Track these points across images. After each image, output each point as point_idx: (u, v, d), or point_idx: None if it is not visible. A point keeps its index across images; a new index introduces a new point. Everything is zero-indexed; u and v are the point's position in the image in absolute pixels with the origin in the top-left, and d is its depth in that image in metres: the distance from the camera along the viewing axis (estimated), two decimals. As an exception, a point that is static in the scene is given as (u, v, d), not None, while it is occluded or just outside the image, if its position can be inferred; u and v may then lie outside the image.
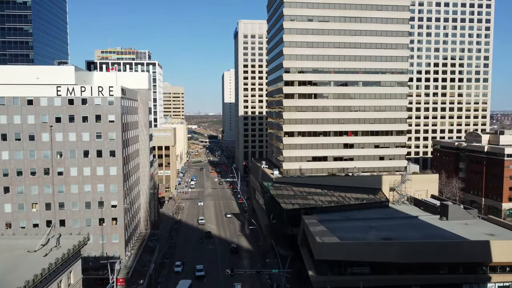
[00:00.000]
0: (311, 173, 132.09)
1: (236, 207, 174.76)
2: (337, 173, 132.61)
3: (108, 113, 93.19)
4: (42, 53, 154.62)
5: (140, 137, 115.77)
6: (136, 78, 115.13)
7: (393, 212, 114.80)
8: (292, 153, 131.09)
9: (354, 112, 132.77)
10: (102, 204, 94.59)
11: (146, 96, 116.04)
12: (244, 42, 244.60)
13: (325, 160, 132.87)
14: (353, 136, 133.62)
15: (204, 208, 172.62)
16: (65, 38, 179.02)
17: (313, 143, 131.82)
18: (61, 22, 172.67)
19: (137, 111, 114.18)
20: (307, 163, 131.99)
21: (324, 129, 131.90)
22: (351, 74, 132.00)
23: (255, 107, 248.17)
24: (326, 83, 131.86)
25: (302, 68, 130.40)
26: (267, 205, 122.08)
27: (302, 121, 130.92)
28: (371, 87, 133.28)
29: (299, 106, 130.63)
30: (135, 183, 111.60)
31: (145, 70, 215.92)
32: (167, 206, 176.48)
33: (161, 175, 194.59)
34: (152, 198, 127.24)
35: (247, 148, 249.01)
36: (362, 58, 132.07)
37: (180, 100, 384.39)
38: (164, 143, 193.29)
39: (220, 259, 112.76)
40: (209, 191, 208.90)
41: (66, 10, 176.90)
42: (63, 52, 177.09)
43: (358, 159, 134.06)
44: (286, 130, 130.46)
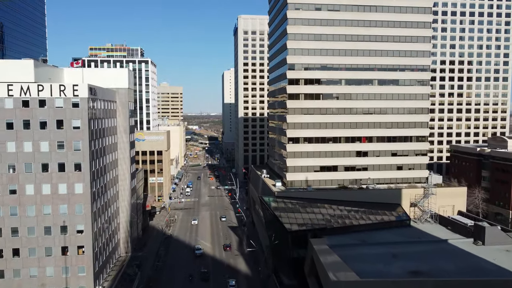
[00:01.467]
0: (318, 185, 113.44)
1: (234, 219, 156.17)
2: (348, 185, 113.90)
3: (72, 118, 74.72)
4: (13, 47, 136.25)
5: (119, 145, 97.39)
6: (113, 75, 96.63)
7: (416, 234, 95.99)
8: (297, 162, 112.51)
9: (368, 115, 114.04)
10: (66, 229, 76.16)
11: (126, 96, 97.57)
12: (244, 38, 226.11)
13: (335, 170, 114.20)
14: (367, 142, 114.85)
15: (199, 224, 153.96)
16: (43, 32, 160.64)
17: (321, 151, 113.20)
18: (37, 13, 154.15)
19: (115, 114, 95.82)
20: (314, 174, 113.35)
21: (334, 134, 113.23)
22: (364, 72, 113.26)
23: (256, 108, 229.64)
24: (336, 82, 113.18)
25: (308, 64, 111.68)
26: (268, 224, 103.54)
27: (309, 125, 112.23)
28: (388, 86, 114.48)
29: (305, 108, 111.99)
30: (112, 199, 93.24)
31: (136, 68, 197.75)
32: (159, 217, 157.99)
33: (153, 182, 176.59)
34: (136, 215, 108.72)
35: (247, 151, 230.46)
36: (377, 53, 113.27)
37: (179, 101, 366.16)
38: (157, 147, 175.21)
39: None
40: (205, 199, 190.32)
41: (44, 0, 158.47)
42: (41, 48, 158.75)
43: (372, 169, 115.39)
44: (290, 135, 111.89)
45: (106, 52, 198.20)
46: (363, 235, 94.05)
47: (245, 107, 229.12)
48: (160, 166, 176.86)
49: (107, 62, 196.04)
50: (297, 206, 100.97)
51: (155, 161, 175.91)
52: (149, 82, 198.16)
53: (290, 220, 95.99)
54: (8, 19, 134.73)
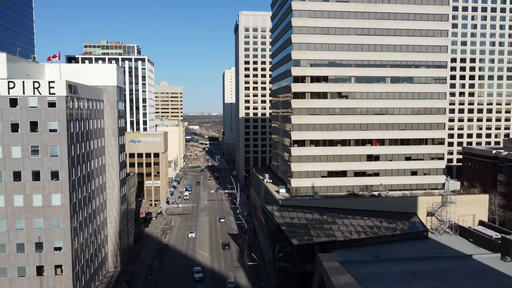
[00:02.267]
0: (326, 192, 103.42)
1: (234, 225, 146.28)
2: (359, 192, 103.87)
3: (48, 119, 64.83)
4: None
5: (107, 148, 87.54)
6: (99, 71, 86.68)
7: (436, 247, 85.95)
8: (302, 167, 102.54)
9: (380, 116, 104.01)
10: (41, 246, 66.31)
11: (115, 95, 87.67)
12: (245, 36, 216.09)
13: (343, 175, 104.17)
14: (378, 145, 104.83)
15: (197, 231, 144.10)
16: (31, 26, 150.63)
17: (329, 155, 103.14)
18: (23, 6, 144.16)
19: (102, 115, 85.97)
20: (321, 180, 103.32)
21: (343, 136, 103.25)
22: (376, 69, 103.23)
23: (257, 108, 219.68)
24: (345, 79, 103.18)
25: (315, 60, 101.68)
26: (271, 235, 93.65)
27: (315, 126, 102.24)
28: (402, 84, 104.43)
29: (311, 108, 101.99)
30: (98, 209, 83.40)
31: (132, 66, 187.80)
32: (155, 224, 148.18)
33: (149, 186, 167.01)
34: (127, 225, 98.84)
35: (248, 153, 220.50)
36: (390, 48, 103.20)
37: (179, 100, 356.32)
38: (153, 149, 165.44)
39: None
40: (205, 203, 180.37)
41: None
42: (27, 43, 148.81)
43: (384, 175, 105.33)
44: (295, 138, 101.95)
45: (101, 50, 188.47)
46: (376, 249, 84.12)
47: (246, 107, 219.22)
48: (157, 169, 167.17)
49: (102, 60, 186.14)
50: (304, 216, 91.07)
51: (152, 163, 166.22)
52: (146, 80, 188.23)
53: (296, 232, 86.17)
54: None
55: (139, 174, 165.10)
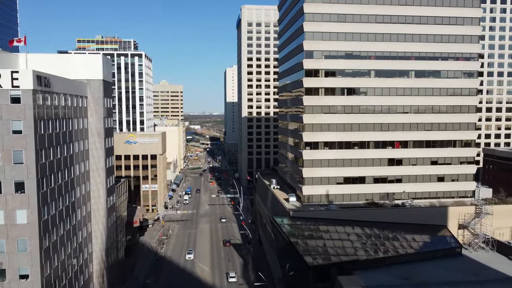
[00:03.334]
0: (342, 201, 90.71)
1: (237, 234, 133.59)
2: (379, 200, 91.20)
3: (11, 118, 52.15)
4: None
5: (92, 152, 74.89)
6: (82, 63, 73.97)
7: (473, 267, 73.17)
8: (315, 173, 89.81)
9: (403, 115, 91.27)
10: (4, 274, 53.73)
11: (101, 90, 74.98)
12: (248, 31, 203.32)
13: (362, 182, 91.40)
14: (401, 148, 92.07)
15: (197, 241, 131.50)
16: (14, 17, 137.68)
17: (345, 159, 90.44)
18: None
19: (85, 113, 73.33)
20: (336, 187, 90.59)
21: (361, 138, 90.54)
22: (399, 61, 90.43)
23: (261, 107, 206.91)
24: (363, 73, 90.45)
25: (330, 51, 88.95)
26: (281, 252, 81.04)
27: (330, 127, 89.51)
28: (427, 79, 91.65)
29: (325, 106, 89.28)
30: (80, 223, 70.77)
31: (129, 62, 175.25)
32: (151, 232, 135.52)
33: (146, 190, 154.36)
34: (116, 238, 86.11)
35: (251, 154, 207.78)
36: (414, 37, 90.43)
37: (179, 99, 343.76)
38: (150, 151, 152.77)
39: None
40: (205, 208, 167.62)
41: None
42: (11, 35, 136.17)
43: (408, 181, 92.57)
44: (307, 139, 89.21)
45: (96, 45, 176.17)
46: (404, 269, 71.31)
47: (249, 106, 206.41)
48: (154, 171, 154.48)
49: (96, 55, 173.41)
50: (318, 230, 78.28)
51: (149, 166, 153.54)
52: (143, 77, 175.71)
53: (310, 249, 73.44)
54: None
55: (135, 178, 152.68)
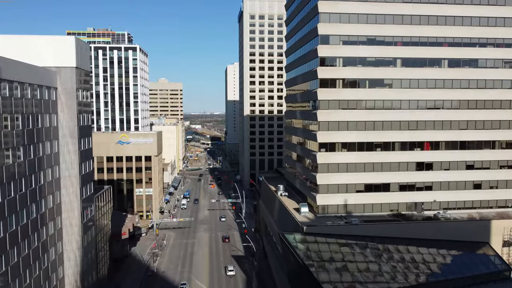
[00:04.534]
0: (362, 212, 76.66)
1: (239, 244, 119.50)
2: (406, 211, 77.22)
3: None
4: None
5: (62, 156, 60.93)
6: (50, 47, 59.95)
7: (530, 298, 59.41)
8: (331, 179, 75.73)
9: (434, 111, 77.18)
10: None
11: (74, 80, 60.99)
12: (250, 24, 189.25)
13: (386, 189, 77.28)
14: (431, 150, 78.04)
15: (195, 252, 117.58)
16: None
17: (367, 162, 76.32)
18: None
19: (54, 108, 59.44)
20: (356, 196, 76.50)
21: (385, 138, 76.45)
22: (429, 48, 76.33)
23: (264, 105, 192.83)
24: (388, 62, 76.41)
25: (349, 36, 74.89)
26: (293, 275, 67.04)
27: (349, 125, 75.47)
28: (463, 69, 77.53)
29: (343, 101, 75.25)
30: (46, 244, 56.73)
31: (122, 56, 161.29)
32: (145, 241, 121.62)
33: (140, 194, 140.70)
34: (95, 258, 71.98)
35: (254, 155, 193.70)
36: (448, 20, 76.25)
37: (179, 98, 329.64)
38: (144, 152, 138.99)
39: None
40: (204, 214, 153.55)
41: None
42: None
43: (439, 188, 78.45)
44: (323, 140, 75.16)
45: (87, 38, 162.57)
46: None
47: (252, 104, 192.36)
48: (149, 174, 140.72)
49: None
50: (339, 250, 64.23)
51: (143, 168, 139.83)
52: (137, 73, 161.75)
53: (330, 274, 59.40)
54: None
55: (128, 181, 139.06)
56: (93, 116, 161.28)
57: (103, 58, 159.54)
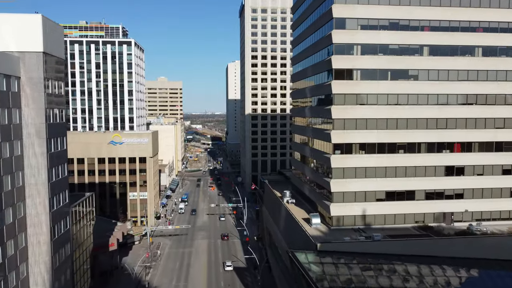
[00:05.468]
0: (383, 223, 65.69)
1: (240, 253, 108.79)
2: (433, 223, 66.26)
3: None
4: None
5: (27, 160, 50.09)
6: (10, 28, 49.09)
7: None
8: (348, 186, 64.77)
9: (465, 107, 66.21)
10: None
11: (41, 68, 50.06)
12: (252, 18, 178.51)
13: (410, 198, 66.24)
14: (463, 152, 67.07)
15: (192, 264, 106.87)
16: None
17: (388, 166, 65.35)
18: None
19: (16, 102, 48.61)
20: (376, 205, 65.54)
21: (409, 138, 65.47)
22: (461, 34, 65.29)
23: (267, 103, 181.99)
24: (413, 50, 65.44)
25: (368, 19, 63.95)
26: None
27: (369, 123, 64.50)
28: (499, 58, 66.38)
29: (362, 95, 64.33)
30: (6, 266, 46.08)
31: (116, 50, 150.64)
32: (138, 250, 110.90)
33: (134, 198, 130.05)
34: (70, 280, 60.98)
35: (256, 156, 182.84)
36: (483, 1, 65.46)
37: (178, 97, 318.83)
38: (138, 153, 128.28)
39: None
40: (203, 219, 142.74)
41: None
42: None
43: (471, 196, 67.42)
44: (337, 140, 64.20)
45: (79, 32, 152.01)
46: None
47: (254, 102, 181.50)
48: (144, 177, 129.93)
49: (78, 43, 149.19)
50: (360, 273, 53.29)
51: (137, 170, 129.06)
52: (132, 68, 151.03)
53: (350, 303, 48.50)
54: None
55: (121, 184, 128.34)
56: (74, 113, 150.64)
57: (95, 53, 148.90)
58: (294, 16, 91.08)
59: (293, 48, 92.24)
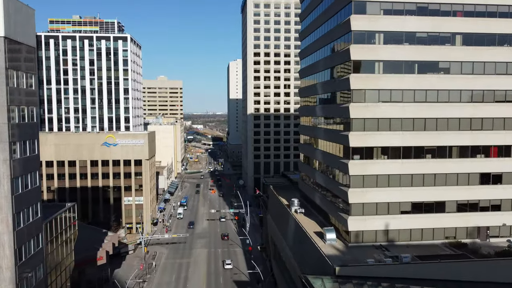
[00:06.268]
0: (408, 240, 56.58)
1: (242, 264, 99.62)
2: (466, 240, 57.03)
3: None
4: None
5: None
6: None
7: None
8: (368, 196, 55.58)
9: (504, 105, 56.89)
10: None
11: (2, 57, 41.12)
12: (255, 13, 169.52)
13: (439, 210, 57.02)
14: (500, 157, 57.91)
15: (190, 277, 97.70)
16: None
17: (415, 174, 56.15)
18: None
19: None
20: (400, 219, 56.35)
21: (439, 141, 56.26)
22: (499, 20, 56.13)
23: (270, 103, 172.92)
24: (444, 39, 56.24)
25: (392, 2, 54.54)
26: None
27: (392, 124, 55.28)
28: (543, 48, 57.45)
29: (385, 91, 55.14)
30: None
31: (111, 46, 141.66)
32: (132, 260, 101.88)
33: (129, 204, 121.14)
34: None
35: (258, 158, 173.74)
36: (525, -17, 56.35)
37: (178, 96, 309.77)
38: (134, 155, 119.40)
39: None
40: (203, 226, 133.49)
41: None
42: None
43: (510, 208, 58.33)
44: (357, 143, 55.01)
45: (72, 27, 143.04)
46: None
47: (256, 102, 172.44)
48: (139, 181, 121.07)
49: (71, 38, 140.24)
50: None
51: (132, 174, 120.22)
52: (128, 66, 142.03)
53: None
54: None
55: (115, 188, 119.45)
56: (67, 112, 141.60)
57: (89, 49, 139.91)
58: (302, 5, 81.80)
59: (301, 40, 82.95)
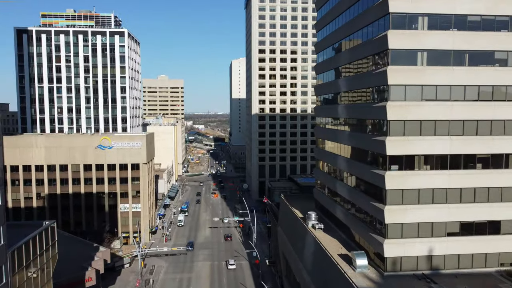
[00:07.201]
0: (456, 268, 46.46)
1: (249, 279, 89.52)
2: (527, 267, 46.89)
3: None
4: None
5: None
6: None
7: None
8: (409, 215, 45.41)
9: None
10: None
11: None
12: (260, 8, 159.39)
13: (493, 232, 46.95)
14: None
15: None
16: None
17: (464, 188, 46.10)
18: None
19: None
20: (447, 242, 46.30)
21: (494, 148, 46.10)
22: None
23: (275, 102, 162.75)
24: (500, 25, 46.19)
25: (439, -20, 44.91)
26: None
27: (438, 127, 45.16)
28: None
29: (429, 87, 44.98)
30: None
31: (107, 42, 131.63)
32: (127, 275, 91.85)
33: (125, 211, 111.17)
34: None
35: (263, 160, 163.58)
36: None
37: (179, 96, 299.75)
38: (130, 159, 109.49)
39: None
40: (205, 234, 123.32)
41: None
42: None
43: None
44: (395, 151, 44.86)
45: (66, 21, 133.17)
46: None
47: (261, 101, 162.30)
48: (136, 186, 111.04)
49: (64, 33, 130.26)
50: None
51: (129, 179, 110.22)
52: (125, 62, 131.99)
53: None
54: None
55: (110, 195, 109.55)
56: (60, 112, 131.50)
57: (84, 45, 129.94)
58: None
59: (318, 31, 72.72)
